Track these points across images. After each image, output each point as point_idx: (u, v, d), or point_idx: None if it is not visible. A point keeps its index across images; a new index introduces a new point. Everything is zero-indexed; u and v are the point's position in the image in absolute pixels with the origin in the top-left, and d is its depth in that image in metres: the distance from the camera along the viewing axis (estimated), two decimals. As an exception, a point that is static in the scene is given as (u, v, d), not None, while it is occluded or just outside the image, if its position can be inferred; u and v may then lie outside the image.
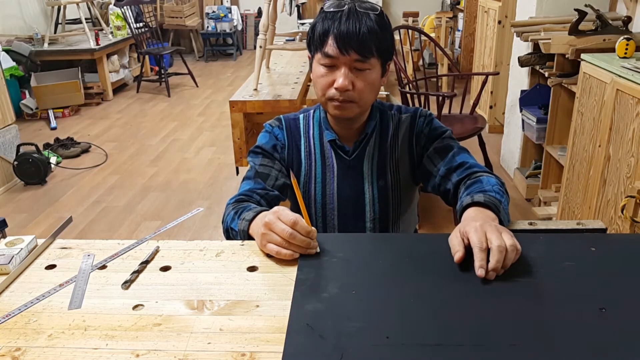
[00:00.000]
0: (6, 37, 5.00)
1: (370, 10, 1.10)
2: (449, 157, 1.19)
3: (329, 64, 1.10)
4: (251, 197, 1.15)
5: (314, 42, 1.13)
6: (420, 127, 1.23)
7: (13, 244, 0.96)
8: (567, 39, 2.41)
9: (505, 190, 1.09)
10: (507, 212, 1.03)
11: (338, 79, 1.09)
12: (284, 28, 3.63)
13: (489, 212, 0.97)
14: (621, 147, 1.89)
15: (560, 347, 0.69)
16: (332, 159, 1.24)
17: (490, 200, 0.99)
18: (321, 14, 1.12)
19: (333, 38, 1.08)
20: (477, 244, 0.85)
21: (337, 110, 1.14)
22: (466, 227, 0.89)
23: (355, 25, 1.06)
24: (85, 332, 0.75)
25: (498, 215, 0.97)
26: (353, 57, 1.08)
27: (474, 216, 0.95)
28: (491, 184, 1.08)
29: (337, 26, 1.07)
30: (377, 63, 1.12)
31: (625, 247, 0.94)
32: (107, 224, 2.96)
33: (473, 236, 0.86)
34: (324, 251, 0.93)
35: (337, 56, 1.08)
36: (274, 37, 2.67)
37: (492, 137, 3.96)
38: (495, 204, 0.98)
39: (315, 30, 1.12)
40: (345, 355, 0.68)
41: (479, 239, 0.85)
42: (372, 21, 1.08)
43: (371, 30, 1.07)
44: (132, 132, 4.52)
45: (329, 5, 1.12)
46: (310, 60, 1.18)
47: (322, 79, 1.12)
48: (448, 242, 0.91)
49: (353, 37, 1.06)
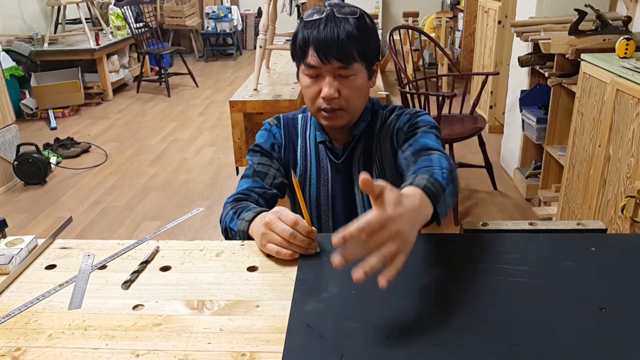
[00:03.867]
0: (6, 37, 5.00)
1: (349, 14, 1.08)
2: (413, 139, 1.11)
3: (313, 74, 1.10)
4: (249, 196, 1.15)
5: (297, 53, 1.12)
6: (402, 123, 1.18)
7: (13, 244, 0.96)
8: (567, 39, 2.41)
9: (453, 176, 0.96)
10: (448, 201, 0.91)
11: (323, 88, 1.08)
12: (284, 28, 3.63)
13: (425, 200, 0.83)
14: (621, 147, 1.89)
15: (560, 347, 0.69)
16: (326, 160, 1.24)
17: (431, 189, 0.85)
18: (301, 23, 1.11)
19: (313, 47, 1.06)
20: (365, 224, 0.69)
21: (327, 120, 1.13)
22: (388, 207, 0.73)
23: (333, 32, 1.05)
24: (85, 332, 0.75)
25: (437, 205, 0.85)
26: (335, 65, 1.06)
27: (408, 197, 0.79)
28: (442, 166, 0.96)
29: (315, 35, 1.06)
30: (361, 67, 1.10)
31: (625, 247, 0.94)
32: (107, 224, 2.96)
33: (376, 214, 0.71)
34: (324, 251, 0.93)
35: (319, 66, 1.07)
36: (274, 37, 2.67)
37: (492, 137, 3.96)
38: (435, 193, 0.85)
39: (297, 41, 1.11)
40: (345, 355, 0.68)
41: (376, 220, 0.71)
42: (352, 26, 1.06)
43: (350, 35, 1.05)
44: (132, 132, 4.52)
45: (308, 14, 1.10)
46: (297, 70, 1.17)
47: (308, 89, 1.12)
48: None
49: (332, 44, 1.04)
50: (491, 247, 0.92)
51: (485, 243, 0.94)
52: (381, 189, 0.74)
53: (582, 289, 0.81)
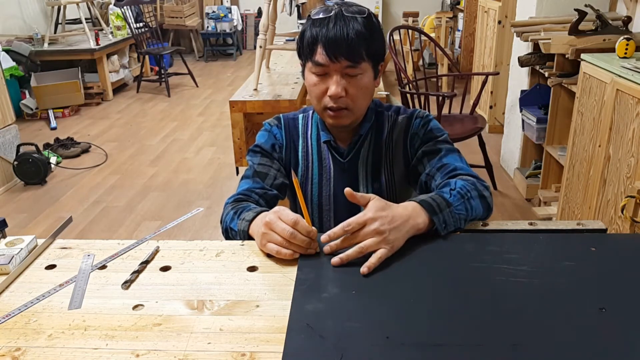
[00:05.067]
0: (6, 37, 5.00)
1: (357, 13, 1.08)
2: (437, 159, 1.16)
3: (320, 72, 1.10)
4: (250, 197, 1.15)
5: (304, 51, 1.12)
6: (415, 128, 1.21)
7: (13, 244, 0.96)
8: (567, 39, 2.41)
9: (473, 195, 1.03)
10: (458, 216, 0.98)
11: (331, 86, 1.08)
12: (284, 28, 3.63)
13: (418, 209, 0.95)
14: (621, 147, 1.89)
15: (560, 347, 0.69)
16: (329, 160, 1.24)
17: (429, 201, 0.96)
18: (309, 21, 1.11)
19: (322, 46, 1.06)
20: (346, 223, 0.89)
21: (333, 119, 1.14)
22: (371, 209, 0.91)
23: (343, 30, 1.05)
24: (85, 332, 0.75)
25: (433, 215, 0.95)
26: (343, 64, 1.07)
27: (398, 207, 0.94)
28: (458, 186, 1.03)
29: (324, 33, 1.06)
30: (368, 67, 1.10)
31: (625, 247, 0.94)
32: (107, 224, 2.96)
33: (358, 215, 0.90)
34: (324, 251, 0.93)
35: (328, 64, 1.07)
36: (274, 37, 2.67)
37: (492, 137, 3.96)
38: (432, 204, 0.95)
39: (304, 39, 1.10)
40: (345, 355, 0.68)
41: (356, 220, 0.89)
42: (360, 25, 1.06)
43: (359, 35, 1.05)
44: (132, 132, 4.52)
45: (316, 12, 1.10)
46: (302, 68, 1.17)
47: (315, 87, 1.12)
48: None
49: (342, 43, 1.05)
50: (491, 247, 0.92)
51: (485, 243, 0.94)
52: (368, 198, 0.92)
53: (582, 289, 0.81)
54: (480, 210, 1.03)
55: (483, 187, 1.07)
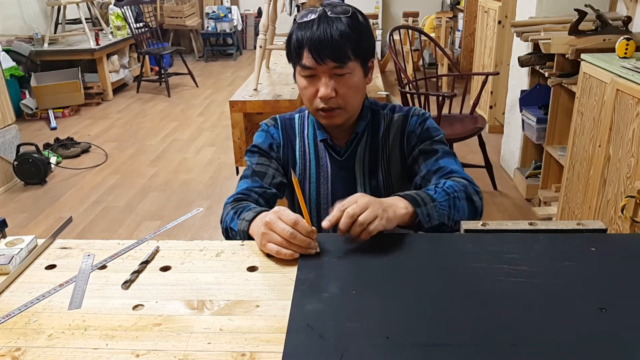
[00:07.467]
0: (6, 37, 5.00)
1: (341, 14, 1.08)
2: (433, 160, 1.18)
3: (309, 74, 1.11)
4: (249, 196, 1.16)
5: (292, 55, 1.13)
6: (412, 126, 1.22)
7: (13, 244, 0.96)
8: (567, 39, 2.41)
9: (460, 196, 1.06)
10: (442, 212, 1.02)
11: (320, 88, 1.10)
12: (284, 28, 3.63)
13: (401, 199, 1.00)
14: (621, 147, 1.89)
15: (560, 347, 0.69)
16: (326, 159, 1.24)
17: (413, 195, 1.02)
18: (294, 24, 1.12)
19: (307, 49, 1.07)
20: (340, 204, 0.94)
21: (326, 120, 1.15)
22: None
23: (326, 32, 1.05)
24: (85, 332, 0.75)
25: (417, 207, 1.00)
26: (330, 65, 1.07)
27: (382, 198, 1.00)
28: (446, 185, 1.07)
29: (309, 36, 1.07)
30: (356, 66, 1.11)
31: (625, 247, 0.94)
32: (107, 224, 2.96)
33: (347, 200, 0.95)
34: (324, 251, 0.93)
35: (315, 66, 1.08)
36: (274, 37, 2.67)
37: (492, 137, 3.96)
38: (416, 198, 1.01)
39: (291, 43, 1.12)
40: (345, 355, 0.68)
41: (348, 201, 0.94)
42: (345, 25, 1.07)
43: (344, 35, 1.06)
44: (132, 132, 4.52)
45: (301, 15, 1.11)
46: (293, 71, 1.18)
47: (306, 90, 1.13)
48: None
49: (326, 44, 1.05)
50: (491, 247, 0.92)
51: (485, 243, 0.94)
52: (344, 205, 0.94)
53: (582, 289, 0.81)
54: (465, 212, 1.06)
55: (474, 191, 1.09)
